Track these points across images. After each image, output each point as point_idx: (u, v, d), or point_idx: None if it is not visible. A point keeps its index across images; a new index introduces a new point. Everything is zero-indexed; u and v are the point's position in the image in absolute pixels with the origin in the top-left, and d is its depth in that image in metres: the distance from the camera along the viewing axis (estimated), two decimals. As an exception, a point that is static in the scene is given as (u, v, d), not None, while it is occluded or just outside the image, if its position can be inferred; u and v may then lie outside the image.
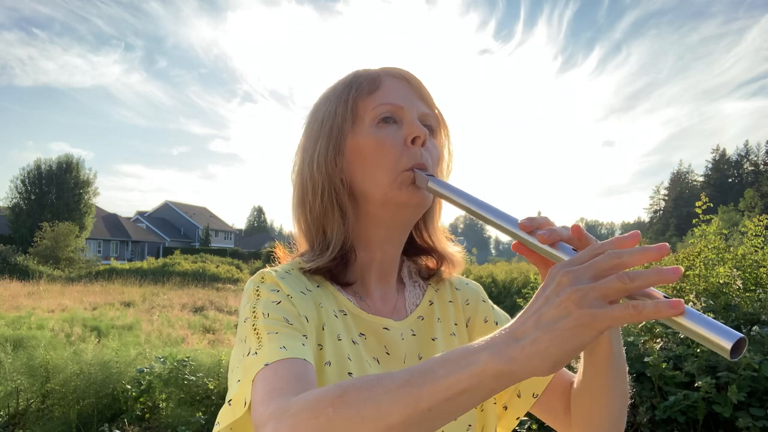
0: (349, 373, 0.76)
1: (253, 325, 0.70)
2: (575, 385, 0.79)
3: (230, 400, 0.66)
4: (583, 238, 0.61)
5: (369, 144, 0.80)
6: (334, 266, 0.83)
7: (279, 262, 0.89)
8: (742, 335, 0.47)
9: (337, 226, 0.82)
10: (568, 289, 0.50)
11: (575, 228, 0.61)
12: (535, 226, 0.63)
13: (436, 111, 0.88)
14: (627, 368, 0.74)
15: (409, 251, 0.94)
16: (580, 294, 0.49)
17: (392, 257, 0.88)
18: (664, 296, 0.50)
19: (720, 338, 0.47)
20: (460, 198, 0.73)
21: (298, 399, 0.55)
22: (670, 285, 4.89)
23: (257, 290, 0.76)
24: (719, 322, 0.48)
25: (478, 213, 0.70)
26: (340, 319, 0.81)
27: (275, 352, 0.65)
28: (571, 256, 0.58)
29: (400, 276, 0.93)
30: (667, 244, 0.50)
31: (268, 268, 0.81)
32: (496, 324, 0.93)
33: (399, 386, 0.51)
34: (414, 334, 0.87)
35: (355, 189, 0.83)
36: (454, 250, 0.94)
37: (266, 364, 0.63)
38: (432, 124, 0.86)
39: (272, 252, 0.92)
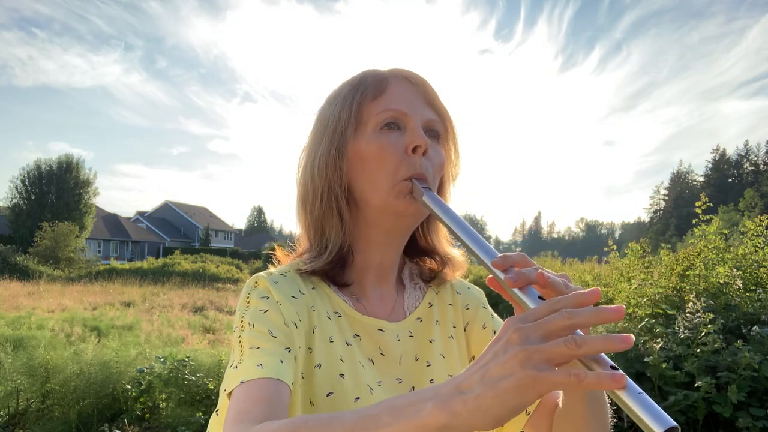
0: (341, 375, 0.77)
1: (239, 337, 0.72)
2: (558, 409, 0.77)
3: (217, 410, 0.69)
4: (547, 285, 0.58)
5: (370, 150, 0.80)
6: (331, 269, 0.83)
7: (280, 263, 0.90)
8: (675, 424, 0.46)
9: (335, 229, 0.83)
10: (515, 348, 0.49)
11: (540, 275, 0.59)
12: (508, 264, 0.61)
13: (444, 115, 0.87)
14: (607, 399, 0.71)
15: (411, 252, 0.94)
16: (526, 355, 0.48)
17: (391, 260, 0.88)
18: (612, 366, 0.50)
19: (653, 422, 0.46)
20: (448, 218, 0.73)
21: (255, 430, 0.56)
22: (670, 285, 4.89)
23: (248, 297, 0.77)
24: (658, 406, 0.47)
25: (461, 238, 0.70)
26: (334, 321, 0.81)
27: (252, 369, 0.66)
28: (535, 303, 0.57)
29: (400, 277, 0.93)
30: (624, 306, 0.49)
31: (263, 272, 0.82)
32: (494, 333, 0.93)
33: (345, 430, 0.51)
34: (411, 336, 0.87)
35: (355, 194, 0.83)
36: (456, 252, 0.94)
37: (242, 382, 0.65)
38: (438, 130, 0.85)
39: (272, 253, 0.93)
